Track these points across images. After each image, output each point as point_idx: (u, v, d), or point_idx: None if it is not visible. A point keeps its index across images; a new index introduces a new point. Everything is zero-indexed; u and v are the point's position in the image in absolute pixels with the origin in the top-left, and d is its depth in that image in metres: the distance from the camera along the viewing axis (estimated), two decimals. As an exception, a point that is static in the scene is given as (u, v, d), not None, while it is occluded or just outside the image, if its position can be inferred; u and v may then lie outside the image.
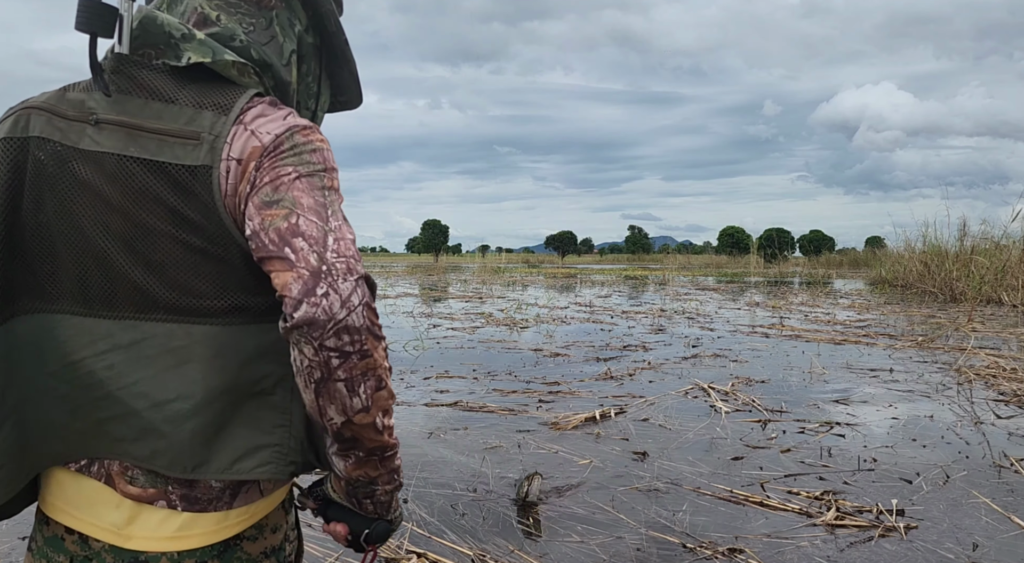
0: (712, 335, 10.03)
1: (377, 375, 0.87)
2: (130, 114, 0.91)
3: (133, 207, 0.89)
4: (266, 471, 0.93)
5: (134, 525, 0.94)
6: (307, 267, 0.83)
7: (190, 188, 0.88)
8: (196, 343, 0.91)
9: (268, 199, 0.87)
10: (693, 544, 2.93)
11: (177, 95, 0.92)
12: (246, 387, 0.93)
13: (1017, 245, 16.31)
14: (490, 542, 2.94)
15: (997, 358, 7.64)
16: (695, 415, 5.21)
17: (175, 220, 0.89)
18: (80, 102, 0.93)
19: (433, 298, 17.26)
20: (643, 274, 34.67)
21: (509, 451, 4.24)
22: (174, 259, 0.90)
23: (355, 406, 0.87)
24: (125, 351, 0.91)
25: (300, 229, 0.86)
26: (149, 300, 0.91)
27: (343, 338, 0.83)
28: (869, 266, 31.81)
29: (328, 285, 0.83)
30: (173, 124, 0.90)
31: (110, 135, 0.90)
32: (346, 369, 0.84)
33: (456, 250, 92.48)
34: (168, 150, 0.89)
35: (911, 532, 3.09)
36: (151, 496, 0.93)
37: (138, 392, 0.91)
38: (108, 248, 0.91)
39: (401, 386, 6.17)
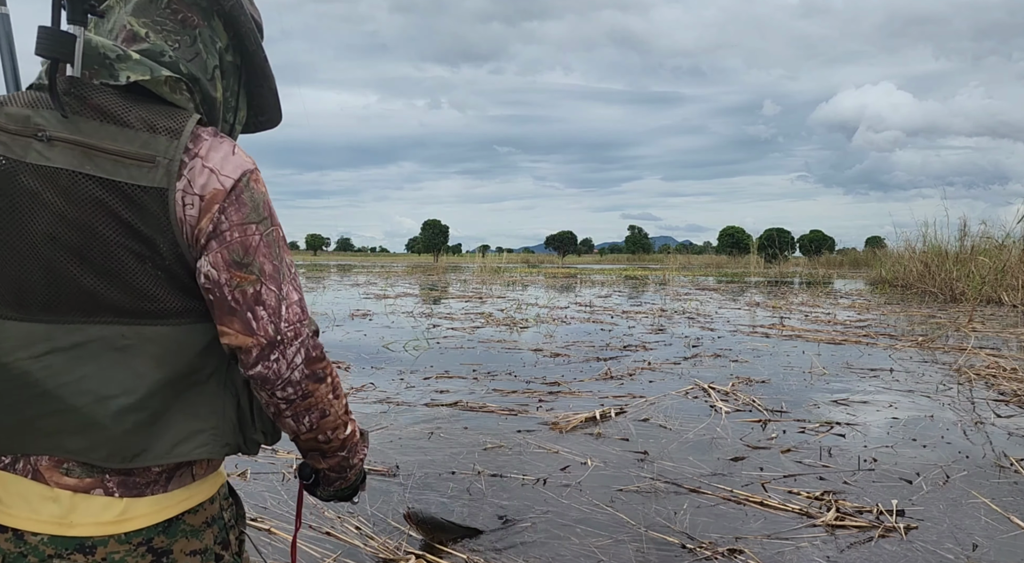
0: (712, 335, 10.03)
1: (319, 408, 1.08)
2: (85, 135, 0.96)
3: (88, 220, 0.95)
4: (203, 452, 1.03)
5: (76, 514, 0.99)
6: (265, 336, 1.01)
7: (144, 206, 0.96)
8: (147, 342, 0.99)
9: (238, 260, 1.00)
10: (693, 545, 2.92)
11: (128, 117, 0.98)
12: (186, 380, 1.02)
13: (1017, 245, 16.31)
14: (487, 544, 2.93)
15: (997, 358, 7.64)
16: (695, 415, 5.21)
17: (128, 233, 0.96)
18: (25, 117, 0.97)
19: (433, 298, 17.26)
20: (643, 274, 34.67)
21: (509, 451, 4.24)
22: (127, 267, 0.97)
23: (302, 430, 1.10)
24: (65, 352, 0.97)
25: (262, 298, 1.01)
26: (98, 304, 0.98)
27: (287, 390, 1.04)
28: (869, 266, 31.80)
29: (279, 352, 1.02)
30: (129, 147, 0.96)
31: (63, 152, 0.95)
32: (291, 409, 1.06)
33: (456, 250, 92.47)
34: (124, 170, 0.96)
35: (911, 532, 3.09)
36: (88, 485, 1.00)
37: (81, 389, 0.97)
38: (57, 257, 0.96)
39: (401, 386, 6.17)
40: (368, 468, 3.80)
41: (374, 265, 49.63)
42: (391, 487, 3.56)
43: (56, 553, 1.00)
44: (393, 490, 3.52)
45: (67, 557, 1.00)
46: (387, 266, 46.35)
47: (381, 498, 3.41)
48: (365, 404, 5.42)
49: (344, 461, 1.20)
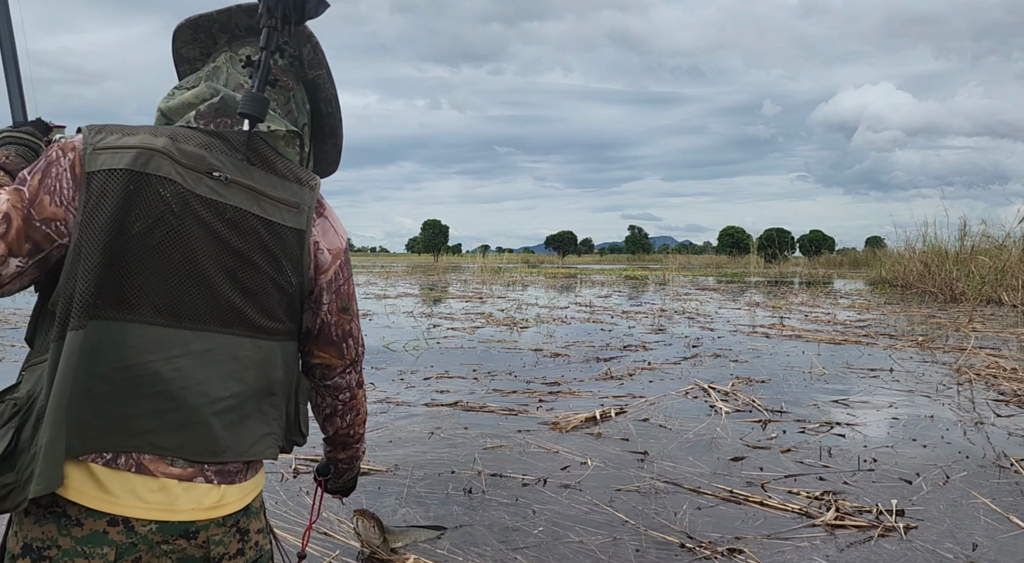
0: (712, 335, 10.03)
1: (357, 408, 1.47)
2: (256, 181, 1.20)
3: (246, 248, 1.17)
4: (270, 453, 1.26)
5: (181, 500, 1.14)
6: (349, 359, 1.39)
7: (287, 242, 1.22)
8: (257, 354, 1.21)
9: (344, 306, 1.34)
10: (692, 544, 2.93)
11: (280, 169, 1.23)
12: (268, 389, 1.24)
13: (1017, 245, 16.30)
14: (486, 544, 2.94)
15: (997, 358, 7.64)
16: (695, 415, 5.21)
17: (273, 263, 1.21)
18: (199, 156, 1.15)
19: (433, 298, 17.26)
20: (643, 274, 34.66)
21: (509, 451, 4.24)
22: (266, 291, 1.21)
23: (342, 425, 1.48)
24: (195, 357, 1.14)
25: (352, 332, 1.38)
26: (236, 318, 1.18)
27: (346, 394, 1.43)
28: (869, 266, 31.79)
29: (352, 369, 1.41)
30: (283, 194, 1.22)
31: (238, 194, 1.17)
32: (344, 408, 1.45)
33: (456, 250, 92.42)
34: (278, 213, 1.21)
35: (911, 532, 3.09)
36: (191, 474, 1.15)
37: (200, 391, 1.14)
38: (215, 275, 1.15)
39: (401, 386, 6.17)
40: (368, 467, 3.80)
41: (374, 265, 49.62)
42: (391, 487, 3.56)
43: (163, 539, 1.13)
44: (392, 490, 3.52)
45: (172, 542, 1.14)
46: (387, 266, 46.33)
47: (380, 498, 3.41)
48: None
49: (356, 452, 1.56)
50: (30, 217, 1.06)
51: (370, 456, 4.05)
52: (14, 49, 1.34)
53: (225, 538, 1.20)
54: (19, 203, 1.06)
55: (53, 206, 1.07)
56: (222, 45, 1.33)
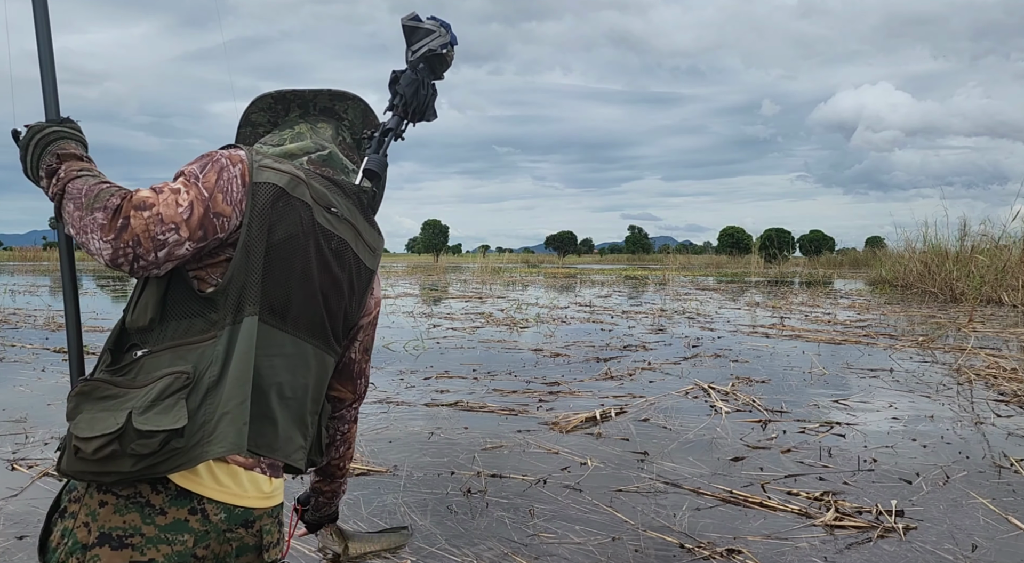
0: (712, 335, 10.03)
1: (348, 442, 1.72)
2: (358, 223, 1.47)
3: (341, 275, 1.40)
4: (301, 463, 1.39)
5: (247, 487, 1.27)
6: (359, 394, 1.66)
7: (364, 279, 1.48)
8: (321, 365, 1.39)
9: (367, 347, 1.61)
10: (692, 545, 2.92)
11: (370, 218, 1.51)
12: (315, 403, 1.41)
13: (1017, 245, 16.30)
14: (484, 545, 2.93)
15: (997, 358, 7.64)
16: (695, 415, 5.20)
17: (351, 293, 1.45)
18: (324, 193, 1.40)
19: (433, 298, 17.26)
20: (643, 274, 34.65)
21: (509, 451, 4.24)
22: (341, 314, 1.43)
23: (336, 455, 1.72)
24: (287, 358, 1.31)
25: (366, 372, 1.64)
26: (320, 331, 1.38)
27: (345, 426, 1.69)
28: (869, 266, 31.78)
29: (358, 405, 1.69)
30: (372, 240, 1.50)
31: (347, 230, 1.43)
32: (343, 440, 1.71)
33: (456, 250, 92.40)
34: (366, 254, 1.48)
35: (910, 533, 3.09)
36: (251, 464, 1.28)
37: (279, 390, 1.29)
38: (317, 292, 1.36)
39: (401, 386, 6.17)
40: (368, 467, 3.80)
41: (374, 265, 49.55)
42: (390, 487, 3.56)
43: (228, 528, 1.25)
44: (392, 490, 3.52)
45: (235, 531, 1.26)
46: (387, 266, 46.34)
47: (380, 498, 3.41)
48: (365, 404, 5.42)
49: (339, 487, 1.74)
50: (208, 210, 1.22)
51: (370, 456, 4.05)
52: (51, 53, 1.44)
53: (272, 527, 1.35)
54: (200, 196, 1.22)
55: (224, 204, 1.24)
56: (293, 118, 1.58)
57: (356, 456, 3.97)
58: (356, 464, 3.84)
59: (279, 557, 1.38)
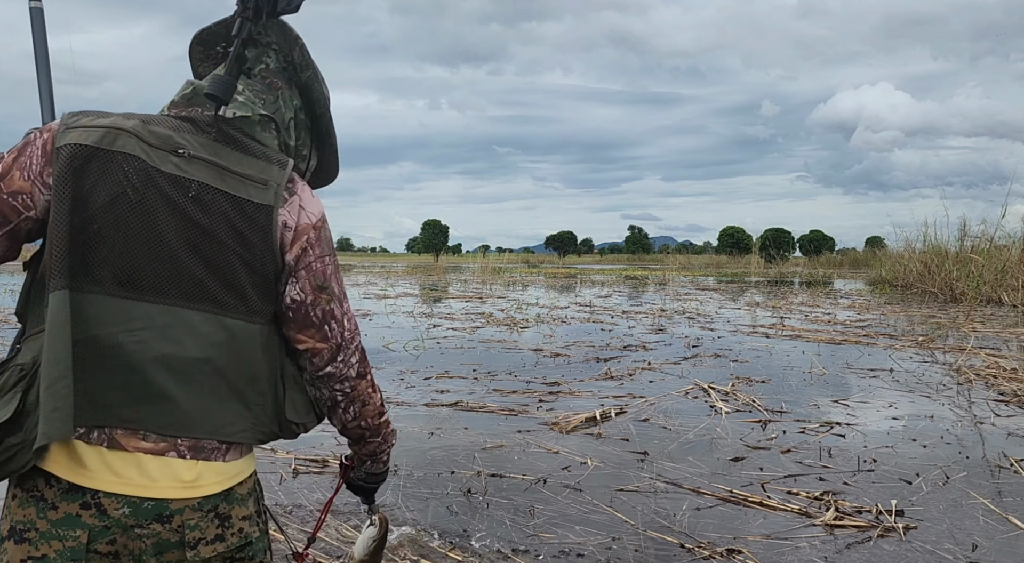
0: (712, 335, 10.03)
1: (361, 399, 1.38)
2: (221, 158, 1.21)
3: (210, 223, 1.17)
4: (244, 436, 1.23)
5: (156, 476, 1.14)
6: (335, 342, 1.30)
7: (255, 219, 1.21)
8: (222, 331, 1.19)
9: (320, 284, 1.28)
10: (692, 545, 2.93)
11: (250, 148, 1.24)
12: (243, 371, 1.21)
13: (1017, 245, 16.30)
14: (485, 545, 2.94)
15: (997, 358, 7.64)
16: (695, 415, 5.21)
17: (239, 239, 1.19)
18: (167, 137, 1.19)
19: (433, 298, 17.26)
20: (643, 274, 34.66)
21: (509, 451, 4.24)
22: (230, 266, 1.19)
23: (348, 418, 1.40)
24: (158, 330, 1.15)
25: (334, 313, 1.30)
26: (200, 293, 1.18)
27: (344, 384, 1.34)
28: (869, 266, 31.78)
29: (343, 354, 1.32)
30: (251, 171, 1.22)
31: (202, 169, 1.19)
32: (345, 400, 1.37)
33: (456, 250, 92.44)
34: (245, 189, 1.21)
35: (910, 532, 3.09)
36: (163, 449, 1.15)
37: (162, 364, 1.14)
38: (179, 250, 1.16)
39: (401, 386, 6.17)
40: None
41: (374, 265, 49.60)
42: (390, 487, 3.56)
43: (137, 523, 1.13)
44: (392, 490, 3.52)
45: (147, 526, 1.14)
46: (387, 266, 46.32)
47: (380, 498, 3.41)
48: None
49: (375, 447, 1.48)
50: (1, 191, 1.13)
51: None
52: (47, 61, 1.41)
53: (202, 523, 1.18)
54: None
55: (21, 180, 1.14)
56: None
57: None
58: (356, 464, 3.84)
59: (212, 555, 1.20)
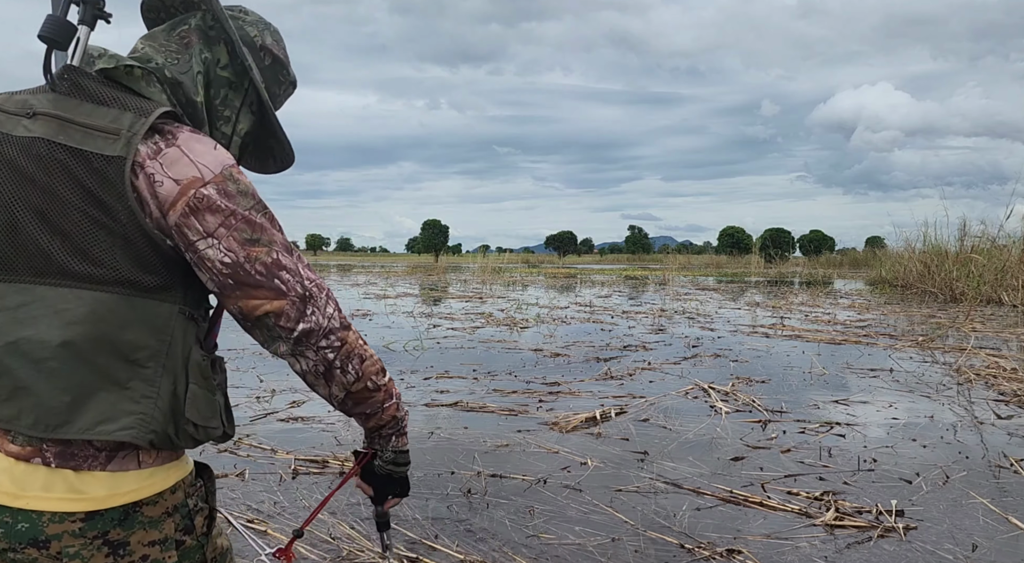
0: (712, 335, 10.03)
1: (357, 354, 1.16)
2: (64, 110, 1.05)
3: (53, 183, 1.02)
4: (127, 435, 1.01)
5: (25, 483, 1.00)
6: (296, 294, 1.09)
7: (105, 174, 1.02)
8: (83, 307, 1.01)
9: (248, 237, 1.07)
10: (692, 545, 2.93)
11: (105, 97, 1.06)
12: (121, 355, 1.03)
13: (1017, 245, 16.30)
14: (485, 544, 2.94)
15: (997, 358, 7.64)
16: (695, 415, 5.21)
17: (88, 198, 1.01)
18: (24, 101, 1.07)
19: (433, 298, 17.26)
20: (643, 274, 34.66)
21: (509, 451, 4.24)
22: (80, 229, 1.01)
23: (350, 380, 1.17)
24: (11, 312, 1.01)
25: (281, 263, 1.09)
26: (50, 265, 1.01)
27: (331, 338, 1.12)
28: (869, 266, 31.79)
29: (313, 305, 1.11)
30: (100, 121, 1.04)
31: (43, 124, 1.04)
32: (339, 358, 1.14)
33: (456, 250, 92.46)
34: (91, 141, 1.02)
35: (910, 533, 3.09)
36: (29, 454, 1.01)
37: (19, 351, 1.00)
38: (22, 218, 1.02)
39: (401, 386, 6.17)
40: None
41: (374, 265, 49.61)
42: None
43: (10, 547, 1.00)
44: (393, 490, 3.52)
45: (21, 551, 1.00)
46: (387, 266, 46.32)
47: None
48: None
49: (397, 412, 1.28)
50: None
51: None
52: None
53: (84, 551, 1.00)
54: None
55: None
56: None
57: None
58: (356, 464, 3.84)
59: None
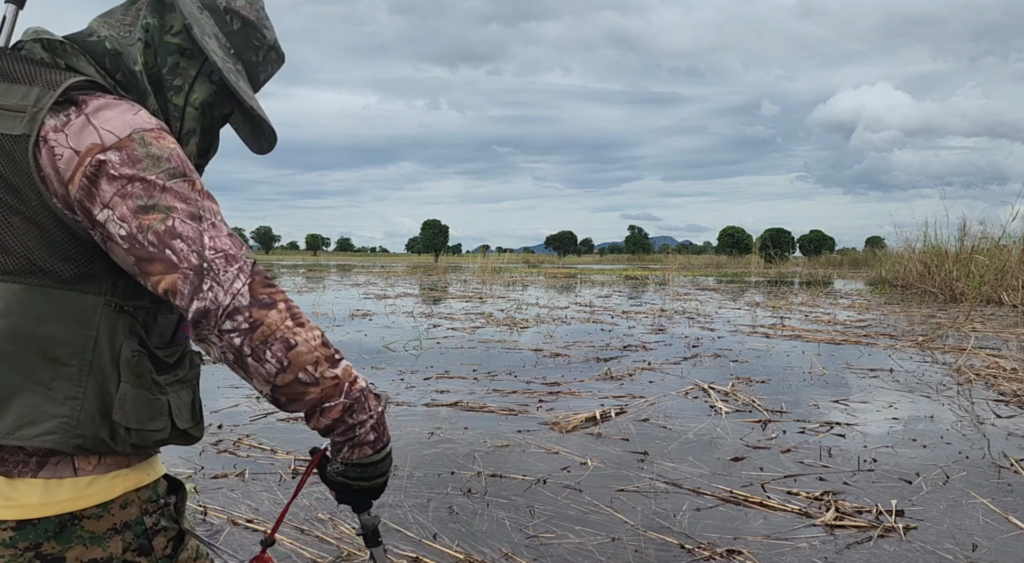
0: (712, 335, 10.03)
1: (279, 338, 0.94)
2: None
3: None
4: (50, 440, 0.94)
5: None
6: (190, 267, 0.93)
7: (13, 155, 0.95)
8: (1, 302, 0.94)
9: (143, 204, 0.94)
10: (692, 545, 2.92)
11: (18, 75, 0.99)
12: (42, 352, 0.95)
13: (1017, 245, 16.30)
14: (485, 544, 2.93)
15: (997, 358, 7.64)
16: (695, 415, 5.20)
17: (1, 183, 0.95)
18: None
19: (433, 298, 17.26)
20: (643, 274, 34.66)
21: (509, 451, 4.24)
22: None
23: (272, 370, 0.94)
24: None
25: (177, 231, 0.94)
26: None
27: (236, 319, 0.92)
28: (869, 266, 31.81)
29: (211, 280, 0.93)
30: (10, 100, 0.97)
31: None
32: (248, 344, 0.93)
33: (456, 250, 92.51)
34: (1, 123, 0.95)
35: (910, 533, 3.09)
36: None
37: None
38: None
39: (401, 386, 6.17)
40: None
41: (374, 265, 49.61)
42: (390, 487, 3.56)
43: None
44: (392, 490, 3.51)
45: None
46: (387, 266, 46.33)
47: (379, 498, 3.40)
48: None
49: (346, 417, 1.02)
50: None
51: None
52: None
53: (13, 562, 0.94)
54: None
55: None
56: None
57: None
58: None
59: None
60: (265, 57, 1.18)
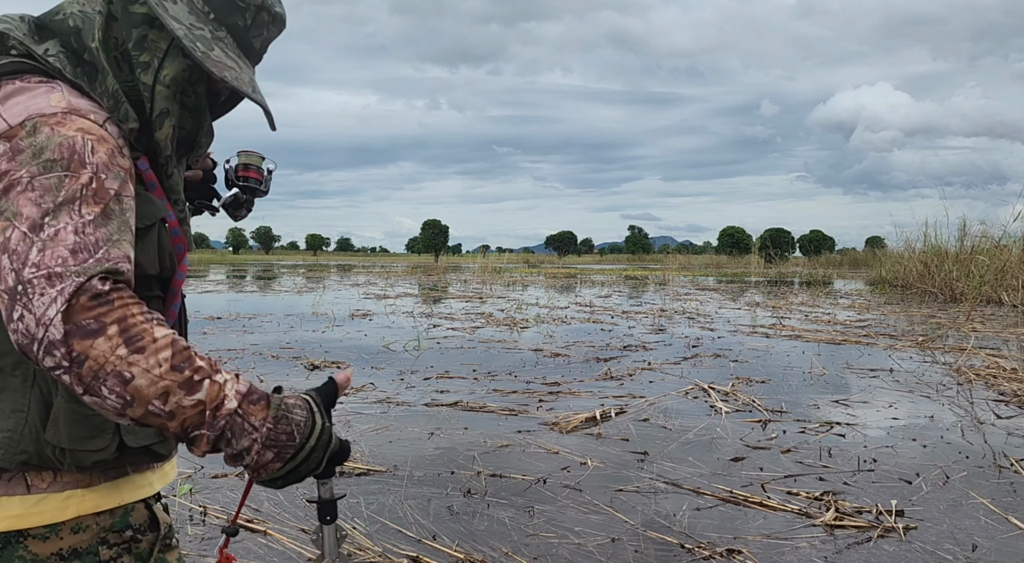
0: (712, 335, 10.03)
1: (113, 372, 0.79)
2: None
3: None
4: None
5: None
6: (5, 290, 0.79)
7: None
8: None
9: None
10: (691, 545, 2.92)
11: None
12: None
13: (1017, 245, 16.31)
14: (485, 544, 2.93)
15: (997, 358, 7.64)
16: (695, 415, 5.20)
17: None
18: None
19: (433, 298, 17.26)
20: (643, 274, 34.66)
21: (509, 451, 4.24)
22: None
23: (116, 407, 0.80)
24: None
25: (9, 245, 0.80)
26: None
27: (54, 354, 0.78)
28: (869, 266, 31.81)
29: (22, 306, 0.78)
30: None
31: None
32: (80, 383, 0.79)
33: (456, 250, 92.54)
34: None
35: (910, 533, 3.09)
36: None
37: None
38: None
39: (401, 386, 6.16)
40: (368, 467, 3.79)
41: (374, 265, 49.61)
42: (390, 487, 3.56)
43: None
44: (392, 490, 3.52)
45: None
46: (387, 266, 46.33)
47: (380, 498, 3.41)
48: (365, 404, 5.43)
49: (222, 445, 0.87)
50: None
51: (370, 456, 4.05)
52: None
53: None
54: None
55: None
56: None
57: (356, 455, 3.97)
58: (356, 464, 3.84)
59: None
60: (255, 19, 1.03)
